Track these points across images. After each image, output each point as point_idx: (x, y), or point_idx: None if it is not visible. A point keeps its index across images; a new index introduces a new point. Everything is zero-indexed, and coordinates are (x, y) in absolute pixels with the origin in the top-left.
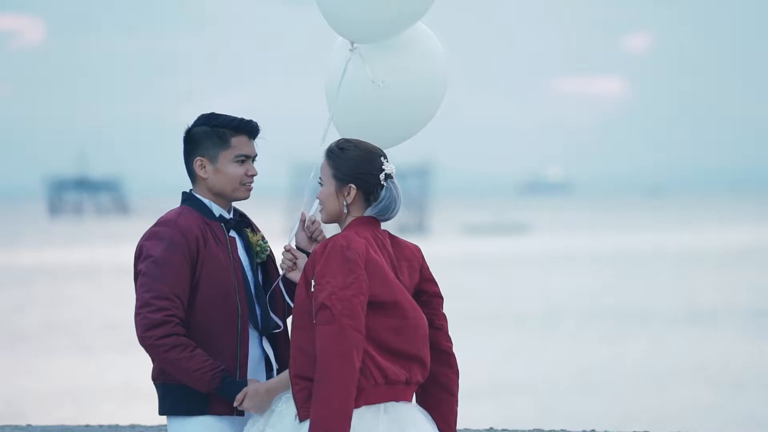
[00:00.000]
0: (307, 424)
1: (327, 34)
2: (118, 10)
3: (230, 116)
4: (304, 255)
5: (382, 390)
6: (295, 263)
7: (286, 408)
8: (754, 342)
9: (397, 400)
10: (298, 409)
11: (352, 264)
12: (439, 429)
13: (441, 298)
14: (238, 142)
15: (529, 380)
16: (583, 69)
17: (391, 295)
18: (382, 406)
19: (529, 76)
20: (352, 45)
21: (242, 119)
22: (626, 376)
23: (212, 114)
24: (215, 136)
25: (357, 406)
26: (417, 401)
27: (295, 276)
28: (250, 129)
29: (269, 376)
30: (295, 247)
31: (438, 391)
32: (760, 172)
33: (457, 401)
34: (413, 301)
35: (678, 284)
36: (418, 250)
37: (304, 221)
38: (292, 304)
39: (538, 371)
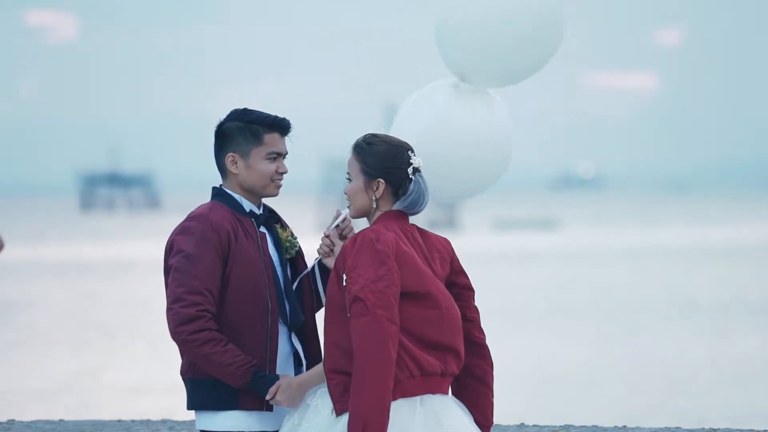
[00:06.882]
0: (343, 418)
1: (355, 29)
2: (150, 6)
3: (263, 113)
4: (341, 242)
5: (418, 382)
6: (332, 249)
7: (321, 402)
8: None
9: (433, 393)
10: (334, 403)
11: (382, 256)
12: (476, 421)
13: (472, 290)
14: (271, 139)
15: (559, 375)
16: (616, 64)
17: (423, 286)
18: (417, 399)
19: (561, 70)
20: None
21: (275, 116)
22: (656, 372)
23: (245, 110)
24: (248, 132)
25: (393, 398)
26: (453, 394)
27: (331, 262)
28: (282, 126)
29: (298, 371)
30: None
31: (473, 383)
32: None
33: (492, 393)
34: (446, 291)
35: (713, 279)
36: (448, 242)
37: (337, 218)
38: (322, 291)
39: (569, 366)
